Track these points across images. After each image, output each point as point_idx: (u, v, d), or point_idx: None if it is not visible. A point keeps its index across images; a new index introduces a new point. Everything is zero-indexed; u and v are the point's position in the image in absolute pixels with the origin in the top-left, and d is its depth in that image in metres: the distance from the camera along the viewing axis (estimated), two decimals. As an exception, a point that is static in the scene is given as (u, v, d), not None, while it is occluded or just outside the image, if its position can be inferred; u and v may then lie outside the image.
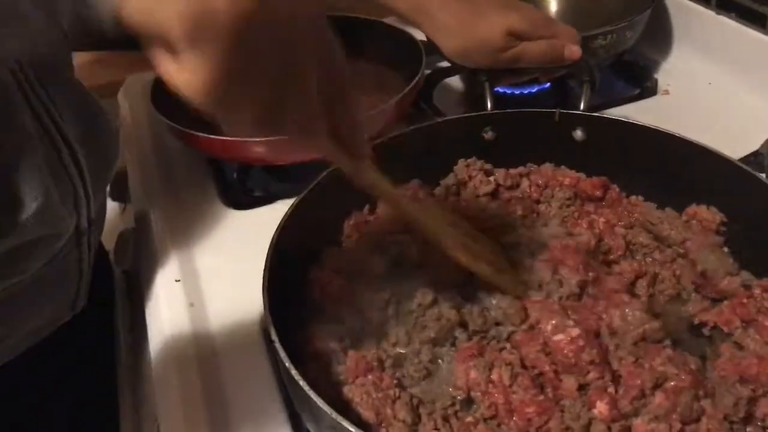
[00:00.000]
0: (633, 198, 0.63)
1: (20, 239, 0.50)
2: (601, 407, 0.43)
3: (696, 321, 0.52)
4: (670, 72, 0.92)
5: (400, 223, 0.58)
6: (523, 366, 0.46)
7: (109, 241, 0.79)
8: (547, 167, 0.65)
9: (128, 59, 0.99)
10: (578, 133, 0.64)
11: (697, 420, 0.43)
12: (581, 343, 0.46)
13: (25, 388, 0.64)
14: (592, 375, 0.45)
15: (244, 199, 0.74)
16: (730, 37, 0.88)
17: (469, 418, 0.45)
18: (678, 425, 0.42)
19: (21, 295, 0.54)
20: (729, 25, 0.88)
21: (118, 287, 0.82)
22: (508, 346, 0.48)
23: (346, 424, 0.39)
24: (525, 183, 0.64)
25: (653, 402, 0.43)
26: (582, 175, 0.64)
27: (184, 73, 0.29)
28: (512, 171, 0.65)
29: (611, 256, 0.57)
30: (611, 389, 0.45)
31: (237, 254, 0.65)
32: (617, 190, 0.63)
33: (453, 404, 0.45)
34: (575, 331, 0.47)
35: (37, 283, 0.55)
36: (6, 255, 0.50)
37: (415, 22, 0.75)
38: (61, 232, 0.54)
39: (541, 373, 0.46)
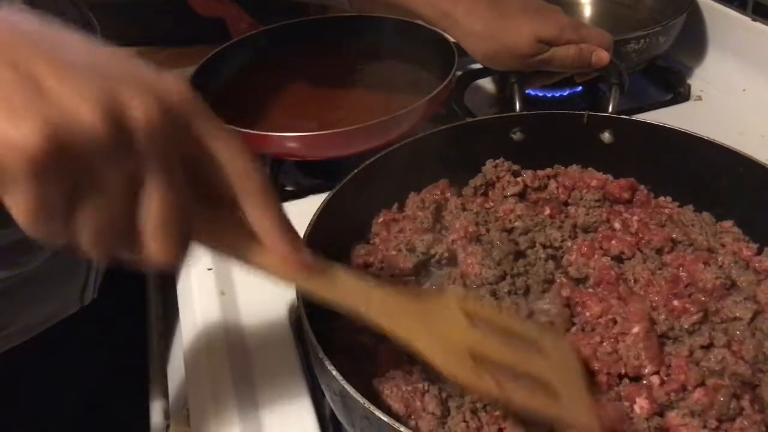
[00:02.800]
0: (661, 199, 0.62)
1: (23, 232, 0.51)
2: (641, 403, 0.43)
3: None
4: (703, 78, 0.91)
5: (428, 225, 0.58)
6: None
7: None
8: (575, 169, 0.65)
9: (159, 56, 1.01)
10: (606, 136, 0.64)
11: (733, 419, 0.42)
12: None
13: (56, 371, 0.66)
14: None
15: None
16: (765, 44, 0.87)
17: (498, 412, 0.45)
18: (714, 423, 0.42)
19: (24, 286, 0.54)
20: (765, 31, 0.87)
21: (151, 276, 0.83)
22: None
23: (379, 414, 0.39)
24: (552, 184, 0.64)
25: (692, 397, 0.43)
26: (609, 177, 0.64)
27: (11, 207, 0.30)
28: (540, 173, 0.65)
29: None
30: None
31: (268, 246, 0.66)
32: (645, 191, 0.63)
33: (481, 398, 0.45)
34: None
35: (41, 275, 0.55)
36: (9, 247, 0.50)
37: (441, 27, 0.74)
38: None
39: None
